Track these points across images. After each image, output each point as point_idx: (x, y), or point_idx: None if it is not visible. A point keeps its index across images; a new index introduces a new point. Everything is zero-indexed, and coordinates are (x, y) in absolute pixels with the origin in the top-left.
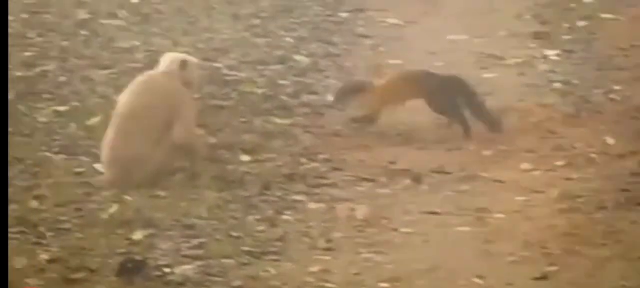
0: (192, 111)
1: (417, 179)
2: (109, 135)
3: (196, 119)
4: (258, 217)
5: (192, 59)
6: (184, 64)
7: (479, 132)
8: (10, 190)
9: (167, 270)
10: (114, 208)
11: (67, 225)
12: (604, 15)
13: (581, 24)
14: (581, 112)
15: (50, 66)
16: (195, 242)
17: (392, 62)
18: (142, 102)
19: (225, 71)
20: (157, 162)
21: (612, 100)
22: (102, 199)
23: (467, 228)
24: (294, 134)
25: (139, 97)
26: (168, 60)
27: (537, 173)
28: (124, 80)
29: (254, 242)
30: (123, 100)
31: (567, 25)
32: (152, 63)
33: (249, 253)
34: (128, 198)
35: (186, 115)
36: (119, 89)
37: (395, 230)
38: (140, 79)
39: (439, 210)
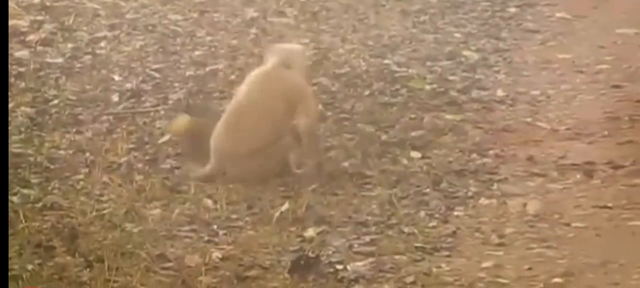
0: (315, 102)
1: (589, 173)
2: (219, 130)
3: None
4: (429, 213)
5: (297, 47)
6: (290, 54)
7: None
8: (184, 188)
9: (339, 266)
10: (285, 206)
11: (239, 223)
12: None
13: None
14: None
15: (220, 65)
16: (367, 238)
17: (561, 56)
18: (257, 99)
19: (394, 67)
20: (271, 158)
21: None
22: (273, 197)
23: (639, 222)
24: (464, 129)
25: (254, 93)
26: (277, 51)
27: None
28: None
29: (426, 238)
30: (239, 96)
31: None
32: (321, 60)
33: (421, 249)
34: (301, 195)
35: (309, 107)
36: None
37: (567, 224)
38: (254, 75)
39: (611, 204)
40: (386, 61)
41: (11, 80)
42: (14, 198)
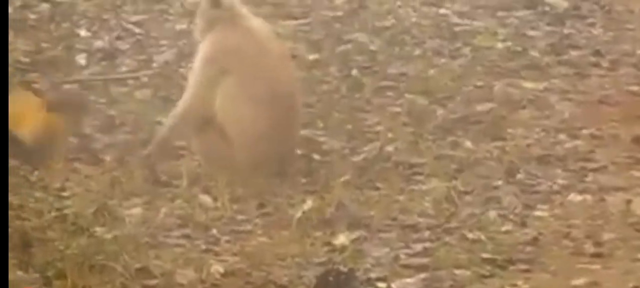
0: None
1: None
2: (262, 123)
3: None
4: (502, 213)
5: None
6: None
7: None
8: (175, 182)
9: (381, 285)
10: (308, 204)
11: (247, 226)
12: None
13: None
14: None
15: None
16: (418, 247)
17: None
18: (291, 82)
19: (454, 19)
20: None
21: None
22: (293, 192)
23: None
24: (548, 101)
25: (285, 71)
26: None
27: None
28: (319, 33)
29: (497, 246)
30: (279, 86)
31: None
32: (356, 9)
33: (490, 261)
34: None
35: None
36: (312, 45)
37: None
38: (277, 55)
39: None
40: (443, 11)
41: None
42: None
